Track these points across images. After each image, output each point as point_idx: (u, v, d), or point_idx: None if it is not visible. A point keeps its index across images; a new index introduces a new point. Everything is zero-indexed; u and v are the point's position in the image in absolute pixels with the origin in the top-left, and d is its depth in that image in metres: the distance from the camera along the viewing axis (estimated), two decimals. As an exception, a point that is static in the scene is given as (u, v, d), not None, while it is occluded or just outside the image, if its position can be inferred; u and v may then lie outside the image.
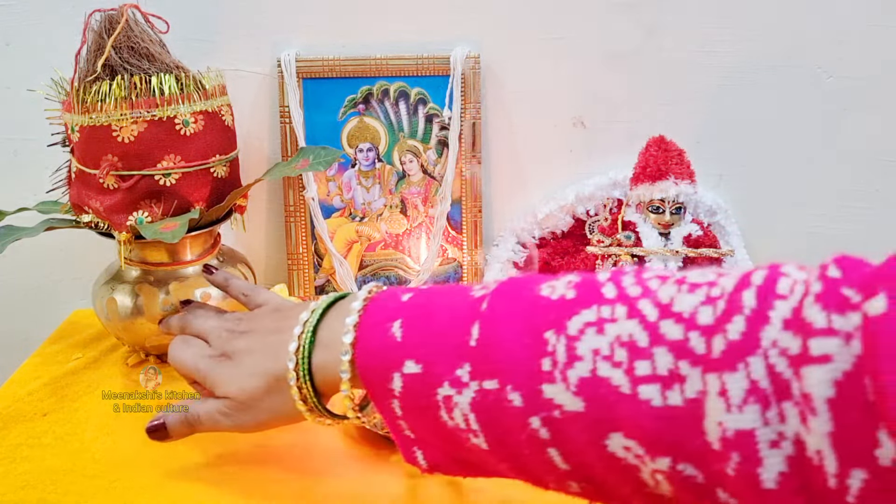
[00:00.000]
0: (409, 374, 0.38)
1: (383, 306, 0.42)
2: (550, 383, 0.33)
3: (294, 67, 0.92)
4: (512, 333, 0.35)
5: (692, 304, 0.31)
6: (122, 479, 0.66)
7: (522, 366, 0.34)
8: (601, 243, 0.88)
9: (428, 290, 0.42)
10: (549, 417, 0.33)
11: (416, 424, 0.40)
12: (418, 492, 0.64)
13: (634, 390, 0.31)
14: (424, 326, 0.38)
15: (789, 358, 0.27)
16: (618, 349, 0.32)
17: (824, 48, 0.95)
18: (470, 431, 0.36)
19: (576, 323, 0.33)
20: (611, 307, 0.33)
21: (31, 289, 1.04)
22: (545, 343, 0.34)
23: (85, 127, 0.75)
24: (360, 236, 0.98)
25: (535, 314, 0.35)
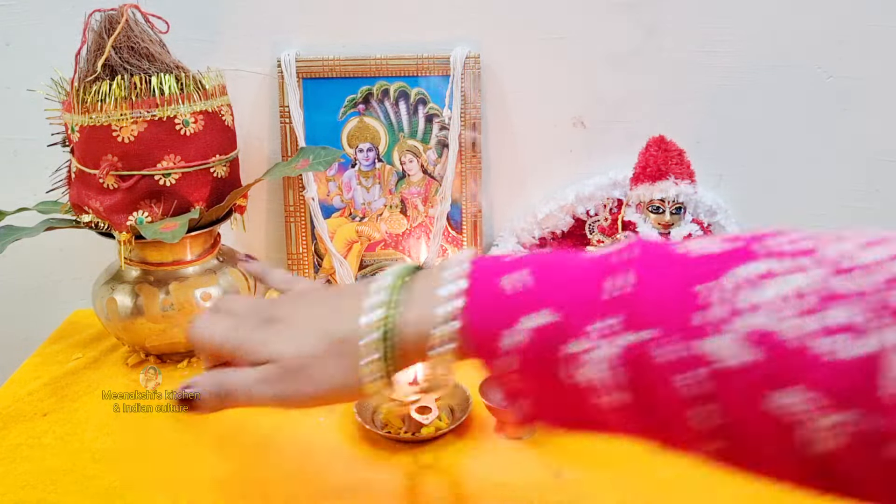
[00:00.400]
0: (539, 326, 0.35)
1: (494, 264, 0.38)
2: (708, 337, 0.31)
3: (294, 67, 0.92)
4: (660, 287, 0.33)
5: (865, 259, 0.30)
6: (122, 479, 0.66)
7: (675, 319, 0.32)
8: (601, 243, 0.88)
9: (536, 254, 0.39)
10: (708, 372, 0.31)
11: (528, 380, 0.36)
12: (418, 492, 0.64)
13: (806, 343, 0.29)
14: (557, 277, 0.35)
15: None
16: (786, 302, 0.30)
17: (824, 48, 0.95)
18: (601, 389, 0.34)
19: (734, 276, 0.31)
20: (770, 261, 0.32)
21: (31, 289, 1.04)
22: (697, 296, 0.32)
23: (85, 127, 0.75)
24: (360, 236, 0.98)
25: (685, 270, 0.33)
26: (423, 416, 0.69)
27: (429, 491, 0.64)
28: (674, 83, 0.96)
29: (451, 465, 0.67)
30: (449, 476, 0.66)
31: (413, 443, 0.70)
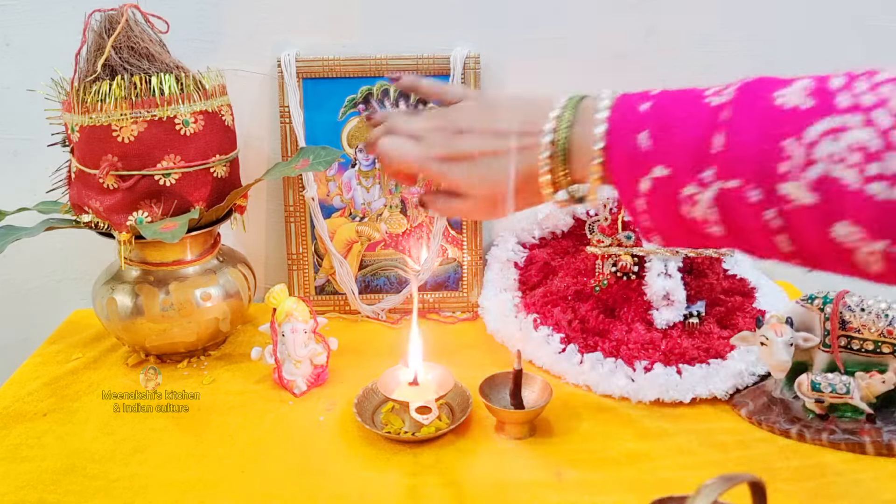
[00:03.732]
0: (658, 177, 0.44)
1: (627, 118, 0.46)
2: (787, 182, 0.39)
3: (294, 67, 0.92)
4: (752, 142, 0.40)
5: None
6: (122, 479, 0.66)
7: (762, 168, 0.40)
8: (601, 243, 0.88)
9: (663, 97, 0.46)
10: (783, 210, 0.40)
11: (657, 216, 0.46)
12: (418, 492, 0.64)
13: (863, 186, 0.37)
14: (670, 136, 0.44)
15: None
16: (851, 154, 0.37)
17: (824, 48, 0.95)
18: (709, 223, 0.43)
19: (812, 132, 0.38)
20: (845, 116, 0.38)
21: (31, 289, 1.04)
22: (783, 150, 0.39)
23: (85, 127, 0.75)
24: (360, 236, 0.98)
25: (773, 124, 0.40)
26: (423, 416, 0.69)
27: (429, 491, 0.64)
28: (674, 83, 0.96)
29: (451, 465, 0.67)
30: (449, 476, 0.66)
31: (413, 443, 0.70)
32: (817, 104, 0.40)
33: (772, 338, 0.71)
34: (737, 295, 0.87)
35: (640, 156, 0.45)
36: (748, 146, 0.41)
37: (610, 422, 0.74)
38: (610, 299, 0.86)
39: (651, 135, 0.45)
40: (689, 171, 0.43)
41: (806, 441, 0.70)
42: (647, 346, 0.80)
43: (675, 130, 0.44)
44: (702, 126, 0.43)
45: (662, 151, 0.44)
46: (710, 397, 0.76)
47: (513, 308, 0.89)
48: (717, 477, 0.46)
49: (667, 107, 0.46)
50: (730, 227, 0.43)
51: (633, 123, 0.46)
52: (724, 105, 0.43)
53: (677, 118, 0.44)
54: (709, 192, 0.42)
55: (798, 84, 0.42)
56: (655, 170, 0.44)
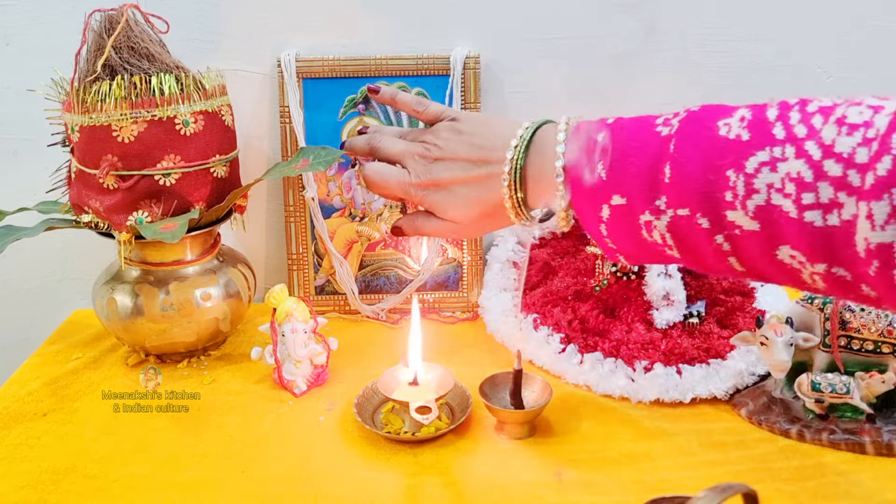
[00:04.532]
0: (616, 205, 0.47)
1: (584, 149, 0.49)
2: (732, 210, 0.42)
3: (294, 67, 0.92)
4: (698, 172, 0.43)
5: (851, 145, 0.38)
6: (122, 479, 0.66)
7: (709, 197, 0.43)
8: (601, 243, 0.88)
9: (618, 127, 0.49)
10: (731, 235, 0.42)
11: (619, 240, 0.49)
12: (418, 492, 0.64)
13: (801, 215, 0.39)
14: (624, 166, 0.47)
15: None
16: (788, 183, 0.40)
17: (824, 48, 0.95)
18: (666, 246, 0.46)
19: (752, 163, 0.41)
20: (781, 147, 0.40)
21: (31, 289, 1.04)
22: (727, 179, 0.42)
23: (85, 127, 0.75)
24: (360, 236, 0.98)
25: (716, 155, 0.43)
26: (423, 416, 0.69)
27: (429, 491, 0.64)
28: (674, 83, 0.96)
29: (451, 465, 0.67)
30: (449, 476, 0.66)
31: (413, 443, 0.70)
32: (754, 135, 0.42)
33: (772, 338, 0.71)
34: (737, 295, 0.87)
35: (598, 186, 0.48)
36: (694, 176, 0.43)
37: (610, 422, 0.74)
38: (610, 299, 0.86)
39: (606, 166, 0.48)
40: (643, 200, 0.46)
41: (806, 441, 0.70)
42: (647, 346, 0.80)
43: (629, 160, 0.47)
44: (653, 156, 0.46)
45: (618, 182, 0.47)
46: (710, 397, 0.76)
47: (513, 308, 0.89)
48: (708, 489, 0.46)
49: (621, 137, 0.48)
50: (685, 251, 0.46)
51: (588, 154, 0.49)
52: (671, 136, 0.45)
53: (631, 148, 0.47)
54: (663, 220, 0.45)
55: (738, 113, 0.44)
56: (614, 198, 0.47)
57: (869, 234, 0.37)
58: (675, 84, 0.96)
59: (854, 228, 0.38)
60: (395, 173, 0.61)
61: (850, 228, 0.38)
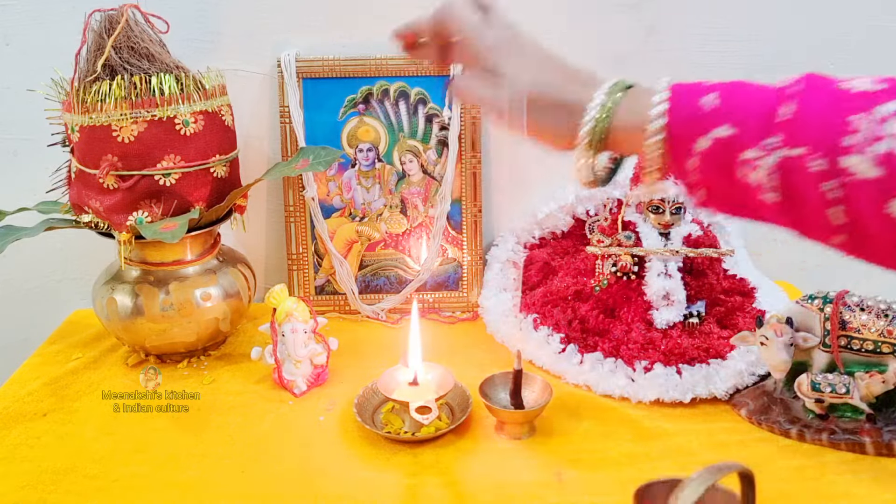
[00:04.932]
0: (720, 137, 0.45)
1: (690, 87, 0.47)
2: (851, 154, 0.40)
3: (294, 67, 0.92)
4: (820, 114, 0.42)
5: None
6: (122, 479, 0.66)
7: (828, 139, 0.41)
8: (601, 243, 0.88)
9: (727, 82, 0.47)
10: (843, 182, 0.41)
11: (707, 175, 0.46)
12: (418, 492, 0.64)
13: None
14: (738, 100, 0.45)
15: None
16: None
17: (824, 48, 0.95)
18: (763, 189, 0.44)
19: (881, 110, 0.40)
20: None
21: (31, 289, 1.04)
22: (849, 124, 0.41)
23: (85, 127, 0.75)
24: (360, 236, 0.98)
25: (840, 102, 0.42)
26: (423, 416, 0.69)
27: (429, 491, 0.64)
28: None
29: (451, 465, 0.67)
30: (449, 476, 0.66)
31: (413, 443, 0.70)
32: (887, 88, 0.41)
33: (772, 338, 0.71)
34: (737, 295, 0.87)
35: (703, 115, 0.46)
36: (816, 117, 0.42)
37: (610, 422, 0.74)
38: (610, 299, 0.86)
39: (719, 96, 0.46)
40: (754, 135, 0.44)
41: (806, 441, 0.70)
42: (647, 346, 0.80)
43: (742, 96, 0.45)
44: (769, 97, 0.44)
45: (729, 112, 0.45)
46: (710, 397, 0.76)
47: (513, 308, 0.89)
48: (705, 468, 0.46)
49: (731, 84, 0.47)
50: (785, 195, 0.44)
51: (696, 90, 0.47)
52: (791, 85, 0.44)
53: (742, 91, 0.46)
54: (771, 158, 0.43)
55: (856, 78, 0.44)
56: (718, 129, 0.45)
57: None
58: (675, 84, 0.96)
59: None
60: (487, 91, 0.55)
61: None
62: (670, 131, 0.47)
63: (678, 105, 0.47)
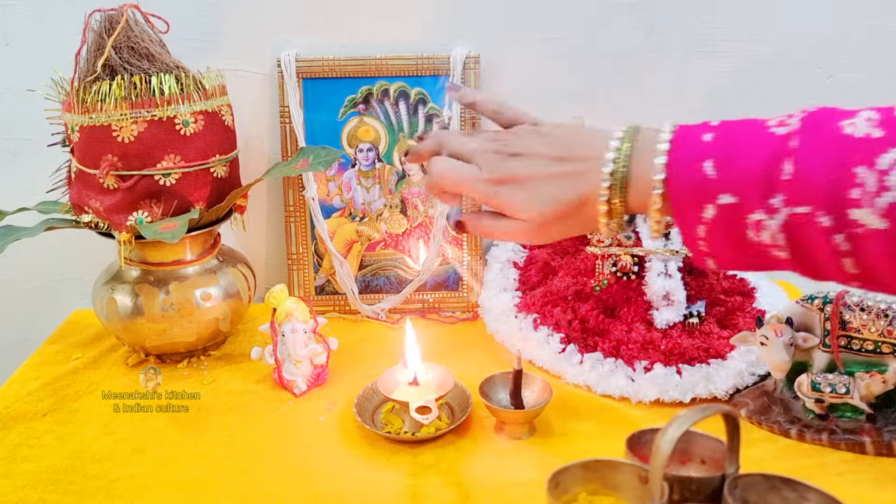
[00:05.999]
0: (724, 204, 0.45)
1: (689, 147, 0.47)
2: (858, 208, 0.40)
3: (294, 67, 0.92)
4: (822, 169, 0.42)
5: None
6: (122, 479, 0.66)
7: (833, 194, 0.41)
8: (601, 243, 0.88)
9: (725, 127, 0.47)
10: (852, 234, 0.41)
11: (716, 242, 0.47)
12: (418, 492, 0.64)
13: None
14: (735, 164, 0.45)
15: None
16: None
17: (824, 48, 0.95)
18: (775, 247, 0.44)
19: (885, 160, 0.40)
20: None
21: (31, 289, 1.04)
22: (854, 176, 0.41)
23: (85, 127, 0.75)
24: (360, 236, 0.98)
25: (843, 152, 0.42)
26: (423, 416, 0.69)
27: (429, 491, 0.64)
28: (674, 83, 0.96)
29: (451, 465, 0.67)
30: (449, 476, 0.66)
31: (413, 443, 0.70)
32: (888, 134, 0.41)
33: (772, 338, 0.71)
34: (737, 295, 0.87)
35: (704, 184, 0.46)
36: (818, 173, 0.42)
37: (610, 422, 0.74)
38: (610, 299, 0.86)
39: (716, 164, 0.45)
40: (757, 198, 0.44)
41: (806, 441, 0.70)
42: (647, 346, 0.80)
43: (740, 159, 0.45)
44: (769, 154, 0.44)
45: (728, 180, 0.45)
46: (710, 397, 0.76)
47: (513, 308, 0.89)
48: (689, 409, 0.47)
49: (730, 136, 0.46)
50: (796, 251, 0.44)
51: (696, 152, 0.47)
52: (791, 134, 0.44)
53: (742, 147, 0.45)
54: (777, 218, 0.43)
55: (863, 114, 0.43)
56: (722, 197, 0.45)
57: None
58: (675, 84, 0.96)
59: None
60: (466, 167, 0.55)
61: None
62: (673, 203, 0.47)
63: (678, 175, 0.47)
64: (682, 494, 0.50)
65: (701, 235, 0.47)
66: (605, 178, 0.49)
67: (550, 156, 0.53)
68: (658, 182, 0.47)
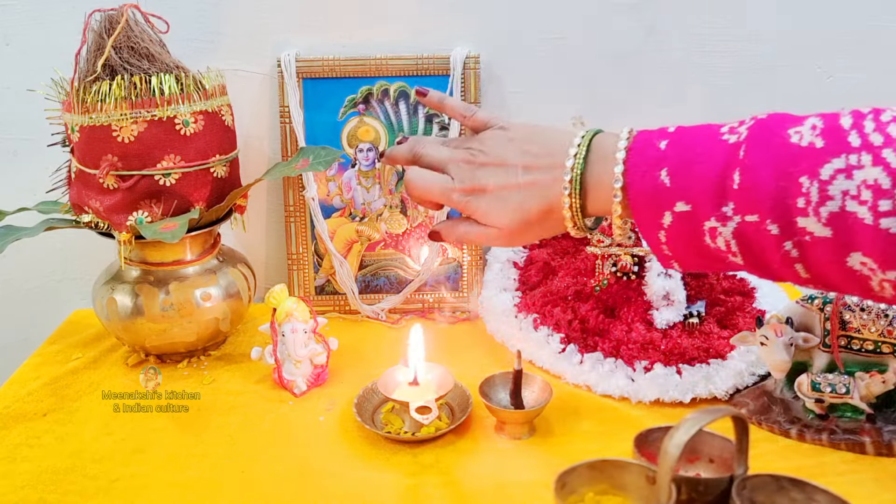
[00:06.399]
0: (680, 212, 0.46)
1: (645, 155, 0.48)
2: (804, 217, 0.42)
3: (294, 67, 0.92)
4: (770, 178, 0.43)
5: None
6: (122, 479, 0.66)
7: (780, 203, 0.42)
8: (601, 243, 0.88)
9: (680, 134, 0.48)
10: (800, 241, 0.42)
11: (678, 247, 0.48)
12: (418, 492, 0.64)
13: (877, 221, 0.39)
14: (689, 173, 0.46)
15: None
16: (864, 190, 0.40)
17: (824, 48, 0.95)
18: (730, 252, 0.46)
19: (827, 170, 0.41)
20: (857, 155, 0.41)
21: (31, 289, 1.04)
22: (800, 186, 0.42)
23: (85, 127, 0.75)
24: (360, 236, 0.98)
25: (788, 161, 0.43)
26: (423, 416, 0.69)
27: (429, 491, 0.64)
28: (674, 83, 0.96)
29: (451, 465, 0.67)
30: (449, 476, 0.66)
31: (413, 443, 0.70)
32: (829, 143, 0.42)
33: (772, 338, 0.71)
34: (737, 295, 0.87)
35: (660, 192, 0.47)
36: (765, 183, 0.43)
37: (610, 422, 0.74)
38: (610, 299, 0.86)
39: (670, 172, 0.47)
40: (709, 207, 0.45)
41: (806, 441, 0.70)
42: (647, 346, 0.80)
43: (694, 168, 0.46)
44: (720, 163, 0.45)
45: (683, 188, 0.46)
46: (710, 397, 0.76)
47: (513, 308, 0.89)
48: (698, 411, 0.47)
49: (684, 144, 0.48)
50: (749, 257, 0.46)
51: (652, 161, 0.48)
52: (741, 143, 0.45)
53: (695, 155, 0.47)
54: (729, 226, 0.45)
55: (808, 122, 0.44)
56: (677, 205, 0.47)
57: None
58: (675, 84, 0.96)
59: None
60: (438, 178, 0.59)
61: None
62: (633, 210, 0.49)
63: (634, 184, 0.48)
64: (690, 495, 0.50)
65: (662, 240, 0.49)
66: (566, 186, 0.52)
67: (518, 164, 0.55)
68: (617, 189, 0.49)
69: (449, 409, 0.74)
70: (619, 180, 0.49)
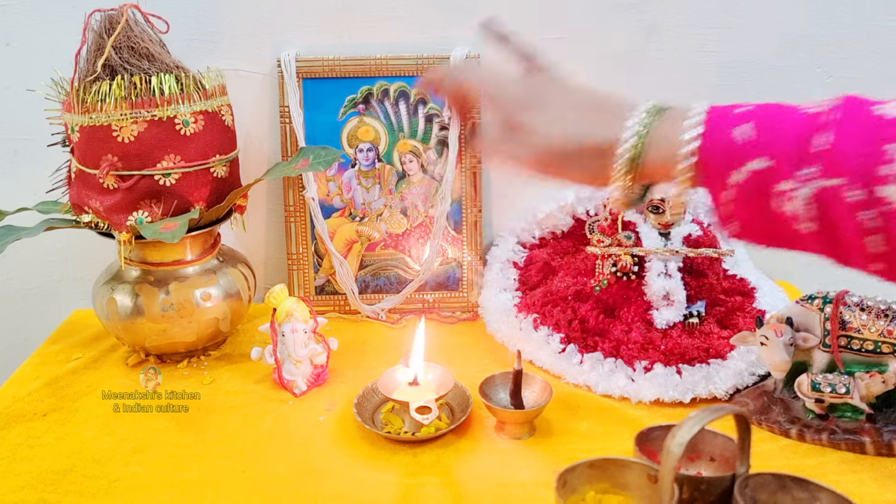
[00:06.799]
0: (755, 169, 0.45)
1: (725, 115, 0.47)
2: (888, 184, 0.40)
3: (294, 67, 0.92)
4: (855, 144, 0.42)
5: None
6: (122, 479, 0.66)
7: (864, 170, 0.41)
8: (601, 243, 0.88)
9: (760, 106, 0.47)
10: (882, 211, 0.41)
11: (742, 208, 0.47)
12: (418, 492, 0.64)
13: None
14: (776, 129, 0.45)
15: None
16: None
17: (824, 48, 0.95)
18: (799, 219, 0.44)
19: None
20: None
21: (31, 289, 1.04)
22: (884, 153, 0.41)
23: (85, 127, 0.75)
24: (360, 236, 0.98)
25: (875, 130, 0.42)
26: (423, 416, 0.69)
27: (429, 491, 0.64)
28: (674, 83, 0.96)
29: (451, 465, 0.67)
30: (449, 476, 0.66)
31: (413, 443, 0.70)
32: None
33: (772, 338, 0.71)
34: (737, 295, 0.87)
35: (737, 148, 0.46)
36: (851, 147, 0.42)
37: (610, 422, 0.74)
38: (610, 299, 0.86)
39: (754, 127, 0.46)
40: (790, 166, 0.44)
41: (806, 441, 0.70)
42: (647, 346, 0.80)
43: (776, 127, 0.45)
44: (803, 126, 0.44)
45: (764, 143, 0.45)
46: (710, 397, 0.76)
47: (513, 308, 0.89)
48: (700, 410, 0.47)
49: (765, 110, 0.47)
50: (822, 225, 0.44)
51: (731, 119, 0.47)
52: (825, 111, 0.45)
53: (777, 119, 0.46)
54: (807, 189, 0.43)
55: (891, 102, 0.44)
56: (753, 162, 0.45)
57: None
58: (674, 84, 0.96)
59: None
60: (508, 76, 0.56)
61: None
62: (704, 165, 0.47)
63: (712, 137, 0.47)
64: (692, 494, 0.50)
65: (727, 199, 0.47)
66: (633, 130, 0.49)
67: (585, 97, 0.53)
68: (690, 139, 0.47)
69: (449, 409, 0.74)
70: (698, 128, 0.47)
